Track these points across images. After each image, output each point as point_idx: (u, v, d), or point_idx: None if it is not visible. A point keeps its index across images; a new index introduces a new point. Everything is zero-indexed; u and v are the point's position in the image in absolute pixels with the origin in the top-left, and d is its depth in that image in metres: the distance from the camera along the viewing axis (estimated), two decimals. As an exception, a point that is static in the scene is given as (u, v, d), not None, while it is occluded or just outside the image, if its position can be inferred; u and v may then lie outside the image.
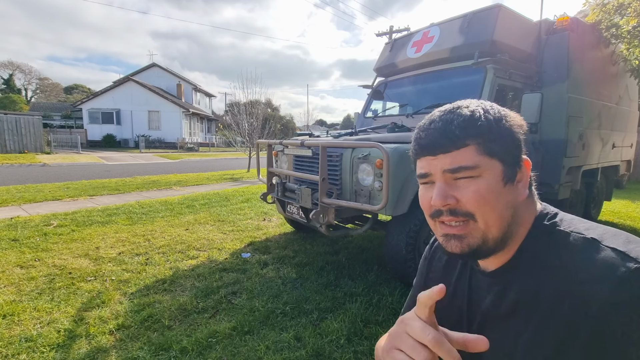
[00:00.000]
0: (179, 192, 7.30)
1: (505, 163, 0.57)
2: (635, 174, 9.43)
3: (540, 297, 0.55)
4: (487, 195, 0.55)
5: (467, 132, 0.56)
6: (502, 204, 0.56)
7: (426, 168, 0.60)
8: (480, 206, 0.55)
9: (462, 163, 0.55)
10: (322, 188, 2.58)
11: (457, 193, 0.56)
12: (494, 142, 0.56)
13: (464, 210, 0.56)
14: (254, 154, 5.43)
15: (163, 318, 2.25)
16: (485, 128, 0.56)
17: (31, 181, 8.43)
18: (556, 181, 3.60)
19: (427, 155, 0.59)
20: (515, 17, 3.47)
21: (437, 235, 0.62)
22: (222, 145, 33.13)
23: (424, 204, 0.62)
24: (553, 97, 3.49)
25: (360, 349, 1.98)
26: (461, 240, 0.57)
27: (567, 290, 0.52)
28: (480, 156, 0.55)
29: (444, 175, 0.57)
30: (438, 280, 0.77)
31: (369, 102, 4.42)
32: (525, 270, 0.58)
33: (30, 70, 42.40)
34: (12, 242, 3.67)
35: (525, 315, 0.56)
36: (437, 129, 0.58)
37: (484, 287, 0.64)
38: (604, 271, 0.49)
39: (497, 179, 0.56)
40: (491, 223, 0.56)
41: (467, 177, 0.56)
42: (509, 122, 0.58)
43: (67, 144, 22.52)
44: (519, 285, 0.58)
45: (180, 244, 3.75)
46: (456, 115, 0.57)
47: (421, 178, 0.61)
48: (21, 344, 1.95)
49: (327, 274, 2.98)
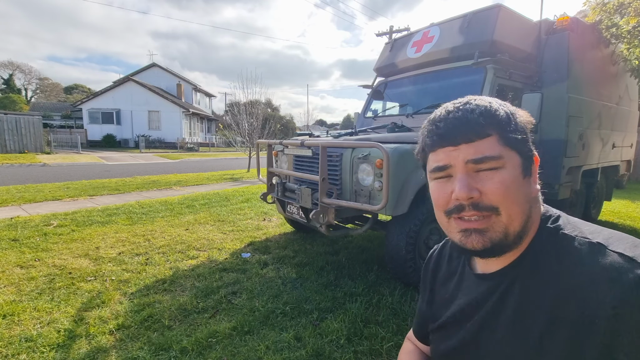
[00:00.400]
0: (179, 192, 7.30)
1: (523, 155, 0.56)
2: (635, 174, 9.43)
3: (543, 301, 0.53)
4: (511, 187, 0.53)
5: (490, 121, 0.54)
6: (523, 197, 0.55)
7: (445, 160, 0.56)
8: (505, 198, 0.53)
9: (487, 153, 0.53)
10: (322, 188, 2.58)
11: (480, 185, 0.54)
12: (513, 133, 0.55)
13: (487, 204, 0.53)
14: (254, 154, 5.43)
15: (163, 318, 2.25)
16: (504, 119, 0.55)
17: (31, 181, 8.43)
18: (556, 181, 3.60)
19: (448, 146, 0.56)
20: (515, 17, 3.47)
21: (453, 232, 0.58)
22: (222, 145, 33.12)
23: (440, 200, 0.58)
24: (553, 97, 3.49)
25: (360, 349, 1.98)
26: (483, 235, 0.55)
27: (572, 295, 0.50)
28: (502, 147, 0.54)
29: (466, 166, 0.54)
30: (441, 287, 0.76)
31: (369, 102, 4.42)
32: (529, 272, 0.57)
33: (30, 70, 42.46)
34: (12, 242, 3.67)
35: (527, 319, 0.55)
36: (458, 118, 0.55)
37: (485, 290, 0.62)
38: (611, 277, 0.48)
39: (517, 171, 0.55)
40: (514, 216, 0.54)
41: (490, 169, 0.54)
42: (521, 116, 0.58)
43: (67, 144, 22.52)
44: (521, 288, 0.57)
45: (180, 244, 3.75)
46: (475, 106, 0.56)
47: (438, 172, 0.58)
48: (21, 344, 1.94)
49: (327, 274, 2.98)
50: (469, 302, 0.66)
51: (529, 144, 0.58)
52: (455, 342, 0.67)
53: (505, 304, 0.58)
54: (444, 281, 0.76)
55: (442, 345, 0.70)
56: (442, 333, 0.71)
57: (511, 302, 0.57)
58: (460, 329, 0.67)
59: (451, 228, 0.58)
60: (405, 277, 2.69)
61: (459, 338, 0.66)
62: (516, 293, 0.57)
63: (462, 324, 0.66)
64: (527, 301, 0.56)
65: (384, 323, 2.24)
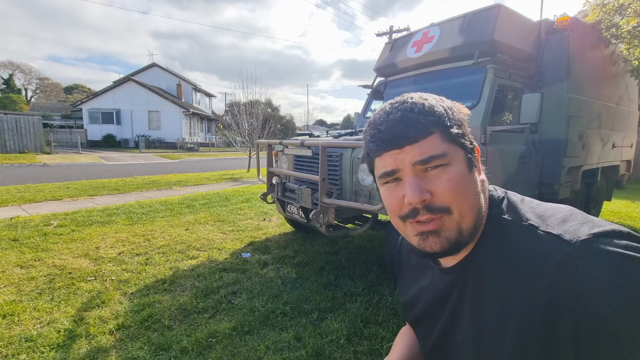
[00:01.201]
0: (179, 192, 7.30)
1: (465, 149, 0.56)
2: (635, 174, 9.43)
3: (492, 292, 0.54)
4: (460, 183, 0.53)
5: (430, 119, 0.54)
6: (472, 191, 0.55)
7: (392, 164, 0.55)
8: (455, 197, 0.53)
9: (432, 152, 0.53)
10: (322, 188, 2.58)
11: (430, 185, 0.53)
12: (453, 128, 0.54)
13: (439, 205, 0.53)
14: (254, 154, 5.43)
15: (163, 318, 2.25)
16: (444, 115, 0.55)
17: (31, 181, 8.43)
18: (556, 181, 3.60)
19: (392, 150, 0.54)
20: (515, 17, 3.47)
21: (410, 236, 0.58)
22: (222, 145, 33.12)
23: (393, 206, 0.57)
24: (553, 97, 3.49)
25: (360, 349, 1.98)
26: (439, 236, 0.54)
27: (512, 282, 0.51)
28: (446, 143, 0.54)
29: (414, 168, 0.54)
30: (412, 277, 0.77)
31: (369, 102, 4.42)
32: (479, 264, 0.57)
33: (30, 70, 42.44)
34: (12, 242, 3.67)
35: (482, 311, 0.56)
36: (398, 120, 0.54)
37: (447, 283, 0.63)
38: (540, 261, 0.48)
39: (463, 166, 0.55)
40: (465, 213, 0.54)
41: (437, 167, 0.53)
42: (458, 109, 0.58)
43: (67, 144, 22.53)
44: (474, 281, 0.57)
45: (180, 244, 3.75)
46: (413, 105, 0.55)
47: (386, 177, 0.57)
48: (21, 344, 1.94)
49: (327, 274, 2.98)
50: (435, 296, 0.67)
51: (469, 136, 0.57)
52: (435, 337, 0.68)
53: (464, 298, 0.59)
54: (414, 271, 0.76)
55: (427, 342, 0.72)
56: (422, 329, 0.73)
57: (468, 295, 0.58)
58: (436, 323, 0.67)
59: (408, 232, 0.58)
60: (405, 277, 2.68)
61: (435, 336, 0.67)
62: (471, 286, 0.58)
63: (435, 317, 0.67)
64: (480, 293, 0.56)
65: (384, 323, 2.24)
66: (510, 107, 3.65)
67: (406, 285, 0.79)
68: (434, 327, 0.68)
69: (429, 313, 0.69)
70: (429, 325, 0.70)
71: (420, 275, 0.73)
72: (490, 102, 3.03)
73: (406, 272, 0.79)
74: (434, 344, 0.68)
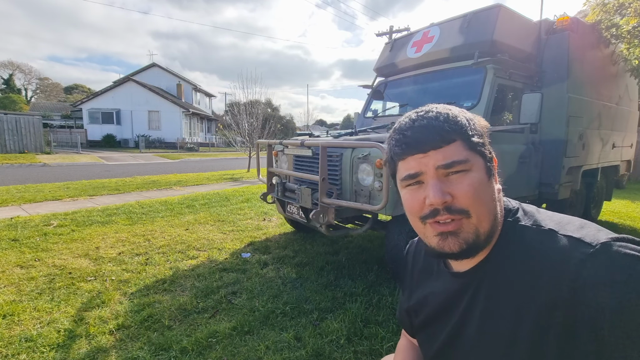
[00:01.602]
0: (179, 192, 7.30)
1: (485, 158, 0.59)
2: (635, 174, 9.43)
3: (509, 294, 0.56)
4: (479, 189, 0.57)
5: (454, 127, 0.57)
6: (490, 198, 0.58)
7: (416, 167, 0.59)
8: (474, 200, 0.56)
9: (455, 158, 0.56)
10: (322, 188, 2.58)
11: (451, 189, 0.57)
12: (474, 138, 0.58)
13: (459, 207, 0.56)
14: (254, 154, 5.43)
15: (163, 318, 2.25)
16: (466, 125, 0.58)
17: (31, 181, 8.43)
18: (556, 181, 3.60)
19: (417, 154, 0.58)
20: (515, 17, 3.47)
21: (429, 237, 0.61)
22: (222, 145, 33.12)
23: (414, 207, 0.60)
24: (553, 97, 3.49)
25: (360, 349, 1.98)
26: (458, 237, 0.57)
27: (531, 284, 0.53)
28: (467, 151, 0.57)
29: (437, 172, 0.57)
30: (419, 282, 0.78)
31: (369, 102, 4.42)
32: (495, 268, 0.60)
33: (30, 70, 42.45)
34: (12, 242, 3.67)
35: (496, 313, 0.58)
36: (424, 126, 0.58)
37: (459, 288, 0.65)
38: (561, 260, 0.51)
39: (483, 173, 0.58)
40: (482, 217, 0.57)
41: (459, 172, 0.57)
42: (478, 121, 0.62)
43: (67, 144, 22.55)
44: (489, 284, 0.60)
45: (180, 244, 3.75)
46: (438, 114, 0.59)
47: (409, 179, 0.60)
48: (21, 344, 1.94)
49: (327, 274, 2.98)
50: (445, 301, 0.69)
51: (488, 147, 0.61)
52: (440, 345, 0.69)
53: (477, 303, 0.61)
54: (421, 276, 0.78)
55: (430, 348, 0.73)
56: (427, 333, 0.74)
57: (481, 300, 0.60)
58: (442, 330, 0.69)
59: (427, 233, 0.61)
60: (405, 277, 2.68)
61: (443, 339, 0.68)
62: (485, 290, 0.60)
63: (442, 324, 0.69)
64: (495, 296, 0.58)
65: (384, 323, 2.24)
66: (510, 107, 3.65)
67: (412, 291, 0.80)
68: (440, 331, 0.69)
69: (436, 317, 0.70)
70: (434, 329, 0.71)
71: (428, 281, 0.75)
72: (490, 102, 3.03)
73: (412, 279, 0.81)
74: (440, 348, 0.69)
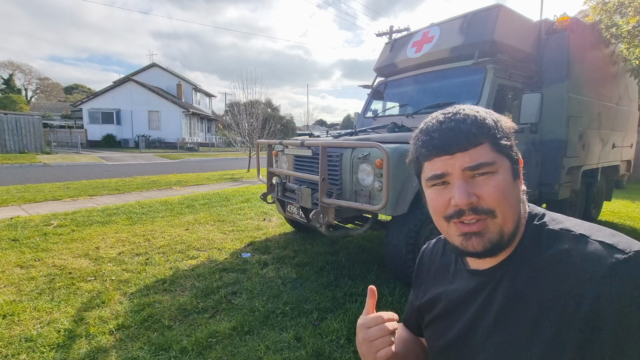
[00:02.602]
0: (179, 192, 7.30)
1: (511, 160, 0.60)
2: (635, 174, 9.43)
3: (530, 295, 0.56)
4: (505, 190, 0.57)
5: (481, 130, 0.58)
6: (515, 199, 0.59)
7: (442, 168, 0.59)
8: (500, 201, 0.57)
9: (482, 160, 0.57)
10: (322, 188, 2.58)
11: (477, 190, 0.57)
12: (502, 140, 0.58)
13: (485, 208, 0.57)
14: (254, 154, 5.43)
15: (163, 318, 2.25)
16: (494, 127, 0.59)
17: (31, 181, 8.43)
18: (556, 181, 3.60)
19: (444, 155, 0.59)
20: (515, 17, 3.47)
21: (453, 236, 0.61)
22: (222, 145, 33.12)
23: (438, 207, 0.61)
24: (553, 97, 3.49)
25: (360, 349, 1.97)
26: (482, 237, 0.58)
27: (560, 283, 0.53)
28: (494, 153, 0.58)
29: (463, 173, 0.58)
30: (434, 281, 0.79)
31: (369, 102, 4.42)
32: (517, 269, 0.60)
33: (30, 70, 42.48)
34: (12, 242, 3.67)
35: (515, 313, 0.57)
36: (451, 129, 0.59)
37: (476, 285, 0.65)
38: (594, 264, 0.51)
39: (509, 175, 0.58)
40: (508, 217, 0.58)
41: (485, 174, 0.57)
42: (505, 123, 0.62)
43: (67, 144, 22.56)
44: (509, 284, 0.60)
45: (180, 244, 3.75)
46: (465, 116, 0.59)
47: (435, 179, 0.61)
48: (21, 344, 1.94)
49: (327, 274, 2.98)
50: (460, 297, 0.69)
51: (515, 148, 0.62)
52: (451, 338, 0.69)
53: (494, 300, 0.61)
54: (437, 275, 0.79)
55: (438, 342, 0.73)
56: (437, 328, 0.74)
57: (500, 297, 0.60)
58: (454, 324, 0.69)
59: (451, 232, 0.62)
60: (405, 277, 2.69)
61: (454, 333, 0.69)
62: (504, 289, 0.60)
63: (455, 319, 0.69)
64: (514, 296, 0.58)
65: (384, 323, 2.24)
66: (510, 107, 3.65)
67: (427, 289, 0.81)
68: (451, 326, 0.70)
69: (449, 312, 0.71)
70: (446, 324, 0.71)
71: (444, 279, 0.76)
72: (490, 102, 3.03)
73: (428, 277, 0.82)
74: (449, 343, 0.69)
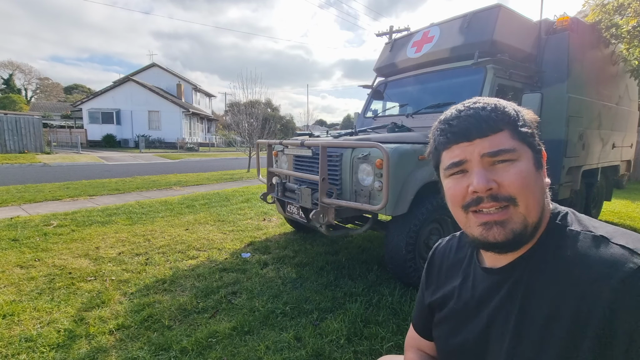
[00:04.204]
0: (179, 192, 7.30)
1: (533, 149, 0.58)
2: (635, 174, 9.43)
3: (548, 295, 0.54)
4: (527, 178, 0.55)
5: (501, 117, 0.57)
6: (538, 188, 0.57)
7: (461, 155, 0.58)
8: (523, 188, 0.55)
9: (502, 146, 0.55)
10: (322, 188, 2.58)
11: (497, 177, 0.55)
12: (523, 128, 0.57)
13: (505, 195, 0.55)
14: (254, 154, 5.43)
15: (163, 318, 2.25)
16: (514, 116, 0.57)
17: (31, 181, 8.43)
18: (556, 181, 3.60)
19: (462, 142, 0.57)
20: (515, 17, 3.46)
21: (472, 227, 0.59)
22: (222, 145, 33.13)
23: (456, 196, 0.59)
24: (553, 97, 3.49)
25: (360, 349, 1.98)
26: (504, 226, 0.56)
27: (574, 287, 0.52)
28: (515, 140, 0.56)
29: (482, 160, 0.56)
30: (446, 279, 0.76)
31: (369, 102, 4.42)
32: (535, 268, 0.58)
33: (30, 70, 42.47)
34: (12, 242, 3.66)
35: (532, 313, 0.56)
36: (471, 115, 0.58)
37: (492, 284, 0.63)
38: (612, 266, 0.49)
39: (531, 163, 0.57)
40: (531, 207, 0.55)
41: (506, 161, 0.55)
42: (527, 114, 0.61)
43: (67, 144, 22.56)
44: (527, 283, 0.58)
45: (180, 244, 3.75)
46: (485, 104, 0.58)
47: (454, 167, 0.59)
48: (21, 344, 1.94)
49: (327, 274, 2.98)
50: (474, 296, 0.66)
51: (537, 139, 0.60)
52: (463, 338, 0.67)
53: (512, 300, 0.59)
54: (449, 272, 0.76)
55: (448, 342, 0.71)
56: (447, 327, 0.72)
57: (518, 297, 0.58)
58: (465, 325, 0.67)
59: (470, 222, 0.59)
60: (405, 277, 2.69)
61: (467, 333, 0.67)
62: (522, 288, 0.58)
63: (468, 318, 0.67)
64: (532, 296, 0.56)
65: (384, 323, 2.24)
66: (510, 107, 3.65)
67: (438, 287, 0.79)
68: (461, 328, 0.68)
69: (460, 313, 0.69)
70: (457, 324, 0.69)
71: (456, 277, 0.73)
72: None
73: (440, 274, 0.79)
74: (461, 344, 0.67)
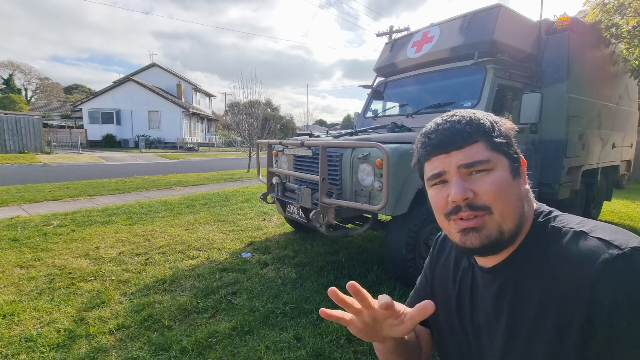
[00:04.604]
0: (179, 192, 7.30)
1: (510, 158, 0.61)
2: (635, 174, 9.43)
3: (533, 292, 0.57)
4: (502, 187, 0.58)
5: (476, 129, 0.60)
6: (514, 196, 0.59)
7: (440, 167, 0.61)
8: (497, 197, 0.58)
9: (476, 157, 0.58)
10: (322, 188, 2.58)
11: (474, 187, 0.58)
12: (497, 139, 0.60)
13: (481, 204, 0.58)
14: (254, 154, 5.43)
15: (163, 318, 2.25)
16: (489, 127, 0.60)
17: (31, 181, 8.43)
18: (556, 181, 3.60)
19: (440, 154, 0.61)
20: (515, 17, 3.47)
21: (453, 233, 0.63)
22: (222, 145, 33.14)
23: (439, 204, 0.63)
24: (553, 97, 3.49)
25: (360, 349, 1.98)
26: (480, 232, 0.59)
27: (556, 281, 0.54)
28: (490, 151, 0.59)
29: (459, 170, 0.59)
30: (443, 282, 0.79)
31: (369, 102, 4.42)
32: (520, 266, 0.61)
33: (30, 70, 42.48)
34: (12, 242, 3.66)
35: (520, 310, 0.59)
36: (447, 129, 0.61)
37: (485, 284, 0.66)
38: (588, 258, 0.52)
39: (507, 172, 0.59)
40: (506, 215, 0.58)
41: (481, 171, 0.58)
42: (504, 124, 0.64)
43: (67, 144, 22.56)
44: (514, 282, 0.61)
45: (180, 244, 3.75)
46: (461, 117, 0.62)
47: (434, 178, 0.63)
48: (21, 344, 1.94)
49: (327, 274, 2.98)
50: (468, 292, 0.70)
51: (515, 148, 0.63)
52: (460, 336, 0.70)
53: (502, 298, 0.62)
54: (445, 266, 0.80)
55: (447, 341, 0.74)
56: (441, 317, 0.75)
57: (507, 295, 0.61)
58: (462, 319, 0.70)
59: (451, 229, 0.63)
60: (405, 277, 2.69)
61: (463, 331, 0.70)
62: (512, 287, 0.61)
63: (463, 314, 0.70)
64: (519, 294, 0.60)
65: (384, 323, 2.24)
66: (510, 107, 3.65)
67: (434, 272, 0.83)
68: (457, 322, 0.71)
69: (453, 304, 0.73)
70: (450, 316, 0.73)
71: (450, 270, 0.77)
72: (490, 102, 3.03)
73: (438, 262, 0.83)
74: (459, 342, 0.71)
